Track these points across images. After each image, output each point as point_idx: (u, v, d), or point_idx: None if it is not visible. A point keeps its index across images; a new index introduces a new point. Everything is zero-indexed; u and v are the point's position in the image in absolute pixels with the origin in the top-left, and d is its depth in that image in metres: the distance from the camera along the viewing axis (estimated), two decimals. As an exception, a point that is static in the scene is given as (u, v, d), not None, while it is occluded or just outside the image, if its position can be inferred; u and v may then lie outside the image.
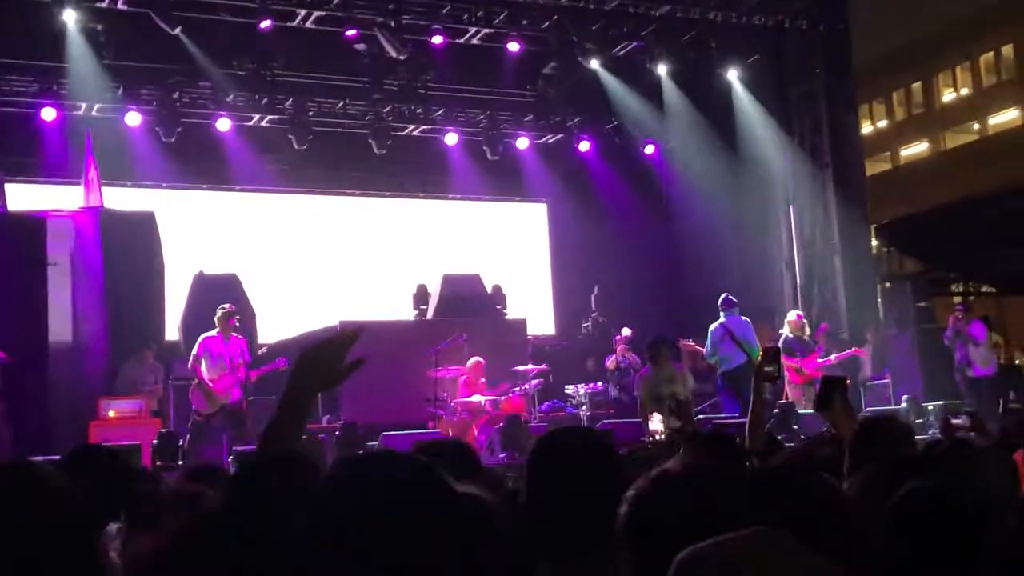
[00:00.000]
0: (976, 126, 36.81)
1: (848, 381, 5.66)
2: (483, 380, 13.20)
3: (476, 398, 12.86)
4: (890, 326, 15.91)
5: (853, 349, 14.37)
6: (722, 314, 12.46)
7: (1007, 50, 35.51)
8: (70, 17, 13.26)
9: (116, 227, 13.58)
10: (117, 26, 14.32)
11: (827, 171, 16.39)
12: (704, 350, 12.77)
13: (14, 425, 11.56)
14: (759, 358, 5.04)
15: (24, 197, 15.08)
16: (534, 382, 13.69)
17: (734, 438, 3.88)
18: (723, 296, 12.66)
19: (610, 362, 15.34)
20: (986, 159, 31.41)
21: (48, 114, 14.96)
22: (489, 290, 16.07)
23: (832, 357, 13.82)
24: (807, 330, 14.10)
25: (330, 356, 2.45)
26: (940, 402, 13.47)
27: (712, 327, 12.49)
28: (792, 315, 14.19)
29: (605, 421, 13.11)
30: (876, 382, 15.13)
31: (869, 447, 3.38)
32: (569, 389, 14.86)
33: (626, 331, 15.69)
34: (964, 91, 37.32)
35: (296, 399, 2.47)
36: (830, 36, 16.37)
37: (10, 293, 12.43)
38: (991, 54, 36.04)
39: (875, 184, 21.24)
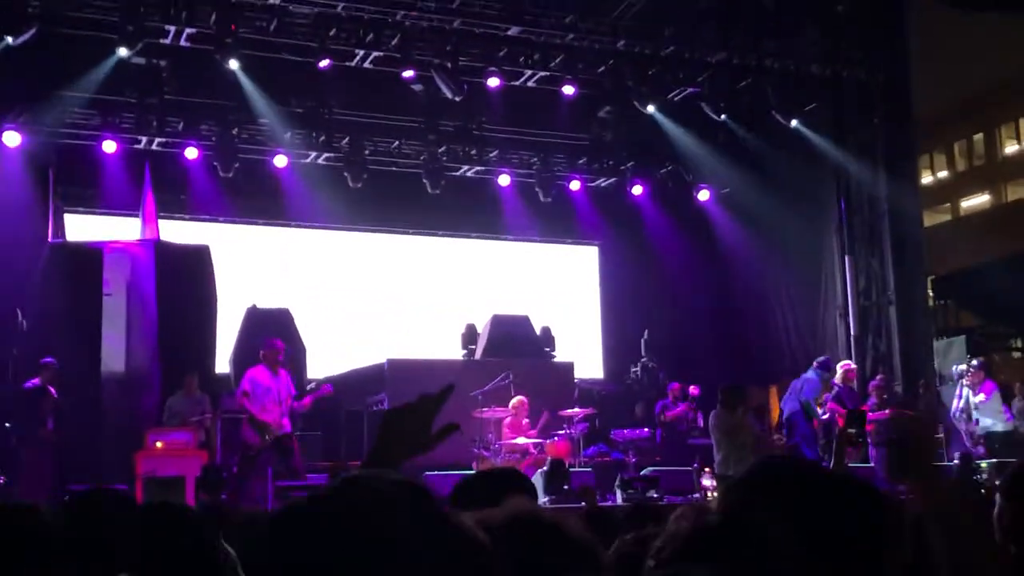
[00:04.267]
0: (1038, 179, 36.25)
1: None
2: (526, 420, 13.13)
3: (520, 440, 12.80)
4: (945, 381, 15.59)
5: (902, 410, 14.02)
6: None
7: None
8: (127, 52, 13.36)
9: (171, 259, 13.76)
10: (179, 62, 14.65)
11: (884, 221, 16.18)
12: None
13: (62, 455, 11.68)
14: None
15: (83, 228, 15.41)
16: (580, 426, 13.58)
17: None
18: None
19: (670, 415, 15.10)
20: (1048, 213, 30.92)
21: (108, 146, 15.21)
22: (538, 332, 16.03)
23: (886, 412, 13.48)
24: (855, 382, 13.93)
25: (417, 421, 1.98)
26: (994, 460, 13.09)
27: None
28: (843, 365, 13.98)
29: (651, 469, 12.98)
30: (929, 437, 14.78)
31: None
32: (615, 434, 14.73)
33: (693, 389, 15.44)
34: (1027, 143, 36.83)
35: None
36: (889, 86, 16.21)
37: (67, 322, 12.66)
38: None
39: (934, 235, 20.95)
